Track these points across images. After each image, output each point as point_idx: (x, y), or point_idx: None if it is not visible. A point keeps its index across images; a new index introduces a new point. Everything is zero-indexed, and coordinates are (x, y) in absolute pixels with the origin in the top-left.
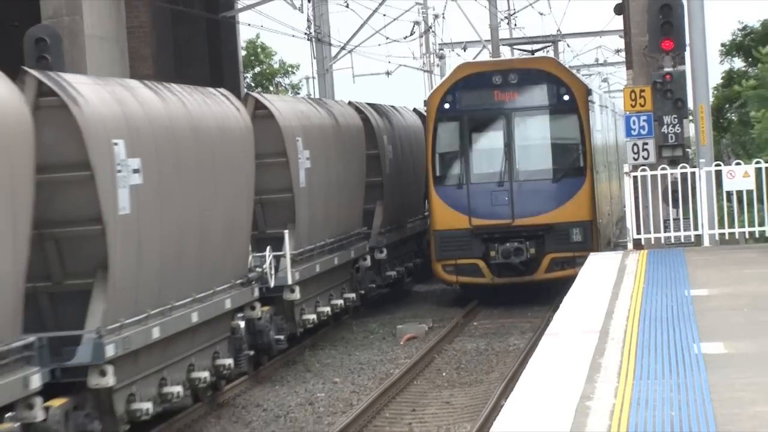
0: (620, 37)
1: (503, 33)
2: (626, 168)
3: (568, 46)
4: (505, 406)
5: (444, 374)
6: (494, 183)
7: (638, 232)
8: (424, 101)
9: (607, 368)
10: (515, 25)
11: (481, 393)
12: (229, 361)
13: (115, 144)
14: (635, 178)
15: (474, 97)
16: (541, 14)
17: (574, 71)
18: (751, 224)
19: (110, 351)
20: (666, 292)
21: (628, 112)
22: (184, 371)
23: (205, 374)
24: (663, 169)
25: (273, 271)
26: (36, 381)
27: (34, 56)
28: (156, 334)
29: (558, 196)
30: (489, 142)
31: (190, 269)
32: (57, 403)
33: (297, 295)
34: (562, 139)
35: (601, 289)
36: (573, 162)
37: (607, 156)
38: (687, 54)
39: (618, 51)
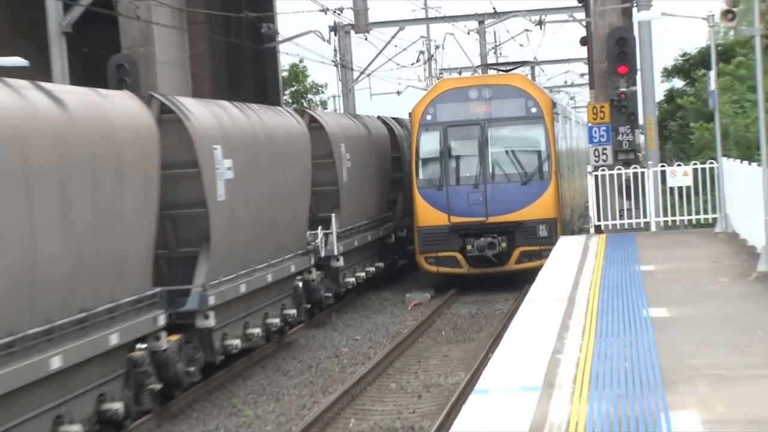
0: (585, 64)
1: (491, 59)
2: (589, 168)
3: (543, 71)
4: (492, 358)
5: (443, 333)
6: (470, 185)
7: (599, 220)
8: (409, 113)
9: (573, 329)
10: (500, 54)
11: (473, 348)
12: (293, 311)
13: (215, 148)
14: (596, 176)
15: (452, 109)
16: (521, 45)
17: (542, 88)
18: (689, 213)
19: (211, 300)
20: (621, 268)
21: (591, 124)
22: (261, 318)
23: (276, 320)
24: (618, 169)
25: (323, 245)
26: (161, 320)
27: (116, 79)
28: (242, 289)
29: (526, 197)
30: (466, 150)
31: (266, 242)
32: (174, 338)
33: (341, 262)
34: (529, 147)
35: (568, 266)
36: (539, 167)
37: (571, 159)
38: (638, 77)
39: (582, 74)
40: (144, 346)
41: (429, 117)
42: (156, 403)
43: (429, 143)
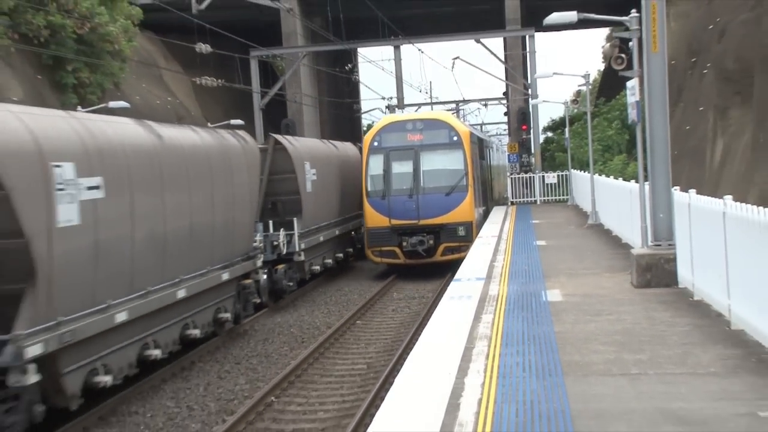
0: (506, 124)
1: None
2: (509, 174)
3: (488, 129)
4: (429, 322)
5: (394, 296)
6: (406, 195)
7: (513, 198)
8: (360, 142)
9: (500, 250)
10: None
11: (413, 313)
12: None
13: (306, 164)
14: (512, 178)
15: (393, 138)
16: (476, 114)
17: (464, 123)
18: (555, 195)
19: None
20: (523, 223)
21: (509, 153)
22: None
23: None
24: (522, 174)
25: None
26: (259, 261)
27: (285, 130)
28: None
29: (449, 205)
30: (403, 168)
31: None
32: (280, 267)
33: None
34: (451, 166)
35: (499, 219)
36: (459, 182)
37: (488, 173)
38: (531, 131)
39: (505, 129)
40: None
41: (376, 143)
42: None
43: (375, 163)
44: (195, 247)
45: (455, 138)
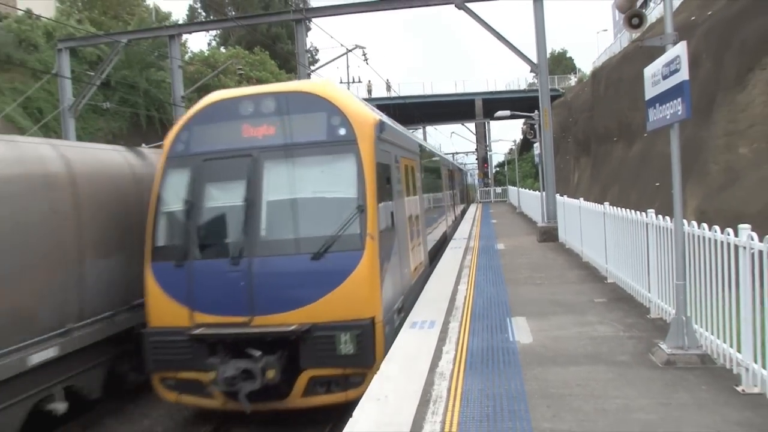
0: (475, 159)
1: None
2: (478, 187)
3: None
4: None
5: None
6: (226, 260)
7: (480, 199)
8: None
9: (470, 247)
10: None
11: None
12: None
13: None
14: (480, 190)
15: (214, 133)
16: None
17: (366, 104)
18: (501, 198)
19: None
20: (485, 209)
21: (479, 178)
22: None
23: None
24: (487, 186)
25: None
26: None
27: None
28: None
29: (321, 281)
30: (225, 199)
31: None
32: None
33: None
34: (331, 194)
35: (473, 214)
36: (345, 227)
37: (426, 204)
38: (491, 167)
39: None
40: None
41: (181, 146)
42: None
43: (174, 187)
44: None
45: (343, 130)
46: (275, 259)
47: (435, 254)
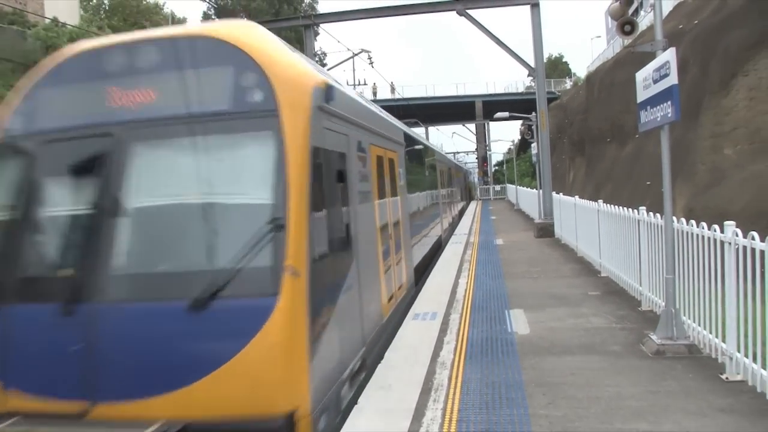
0: (475, 159)
1: None
2: (478, 185)
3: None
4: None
5: None
6: (54, 306)
7: (481, 196)
8: None
9: (470, 243)
10: None
11: None
12: None
13: None
14: (480, 188)
15: (66, 102)
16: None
17: (302, 57)
18: (499, 196)
19: None
20: (486, 215)
21: (479, 177)
22: None
23: None
24: (486, 184)
25: None
26: None
27: None
28: None
29: (205, 348)
30: (64, 204)
31: None
32: None
33: None
34: (231, 198)
35: (473, 209)
36: (249, 257)
37: (417, 209)
38: (490, 166)
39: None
40: None
41: (18, 122)
42: None
43: (4, 185)
44: None
45: (257, 95)
46: (133, 307)
47: (426, 266)
